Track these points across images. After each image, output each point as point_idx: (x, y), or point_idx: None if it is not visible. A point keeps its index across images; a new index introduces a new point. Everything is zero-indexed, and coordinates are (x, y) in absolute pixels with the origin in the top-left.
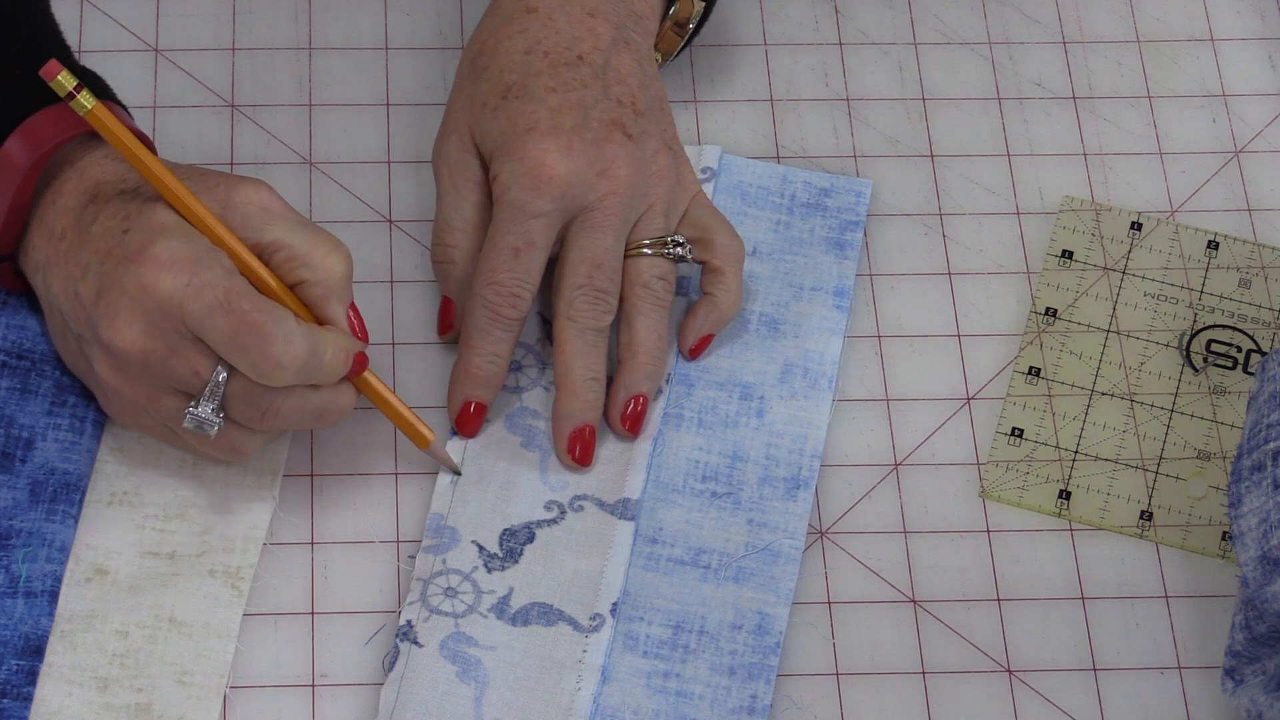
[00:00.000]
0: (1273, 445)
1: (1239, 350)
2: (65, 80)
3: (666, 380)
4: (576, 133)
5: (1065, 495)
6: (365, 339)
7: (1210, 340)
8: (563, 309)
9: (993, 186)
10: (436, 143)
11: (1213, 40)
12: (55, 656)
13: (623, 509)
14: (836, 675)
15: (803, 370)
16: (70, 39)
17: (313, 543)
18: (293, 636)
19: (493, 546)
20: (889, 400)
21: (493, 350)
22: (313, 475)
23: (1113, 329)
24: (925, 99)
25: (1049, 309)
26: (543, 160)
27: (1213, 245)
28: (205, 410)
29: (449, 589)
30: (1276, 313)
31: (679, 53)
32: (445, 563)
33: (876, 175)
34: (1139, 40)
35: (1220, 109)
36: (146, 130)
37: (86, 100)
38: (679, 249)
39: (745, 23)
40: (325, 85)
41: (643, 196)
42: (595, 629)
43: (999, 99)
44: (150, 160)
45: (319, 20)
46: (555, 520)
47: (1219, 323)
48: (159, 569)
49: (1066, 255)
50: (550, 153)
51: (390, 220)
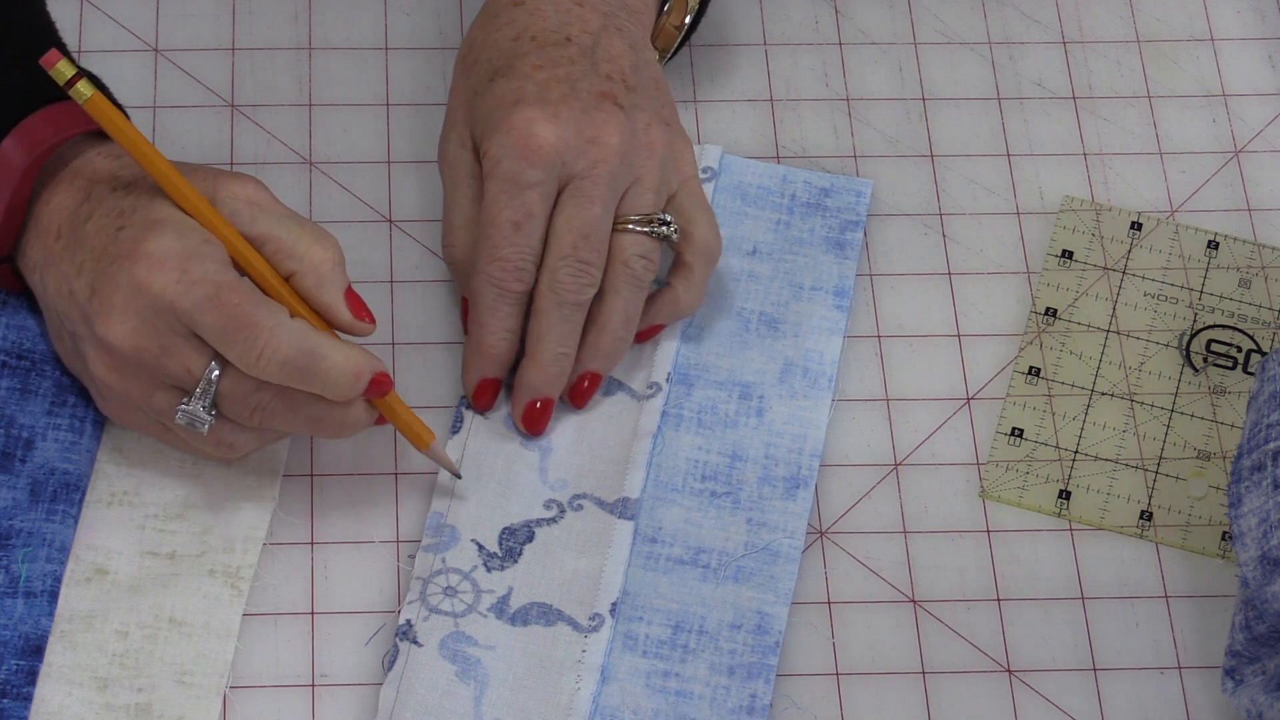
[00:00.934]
0: (1273, 445)
1: (1239, 350)
2: (64, 69)
3: (666, 379)
4: (564, 101)
5: (1065, 495)
6: (370, 319)
7: (1210, 340)
8: (545, 278)
9: (993, 186)
10: (439, 144)
11: (1213, 40)
12: (55, 656)
13: (622, 508)
14: (836, 675)
15: (802, 370)
16: (70, 39)
17: (313, 543)
18: (293, 636)
19: (492, 545)
20: (889, 400)
21: (504, 326)
22: (313, 475)
23: (1113, 329)
24: (925, 99)
25: (1049, 309)
26: (531, 129)
27: (1213, 245)
28: (197, 406)
29: (448, 588)
30: (1276, 313)
31: (678, 50)
32: (445, 562)
33: (876, 175)
34: (1139, 40)
35: (1220, 109)
36: (146, 130)
37: (85, 89)
38: (664, 228)
39: (745, 22)
40: (325, 85)
41: (631, 167)
42: (595, 629)
43: (999, 99)
44: (149, 150)
45: (319, 20)
46: (555, 519)
47: (1219, 323)
48: (159, 569)
49: (1066, 255)
50: (537, 121)
51: (390, 220)
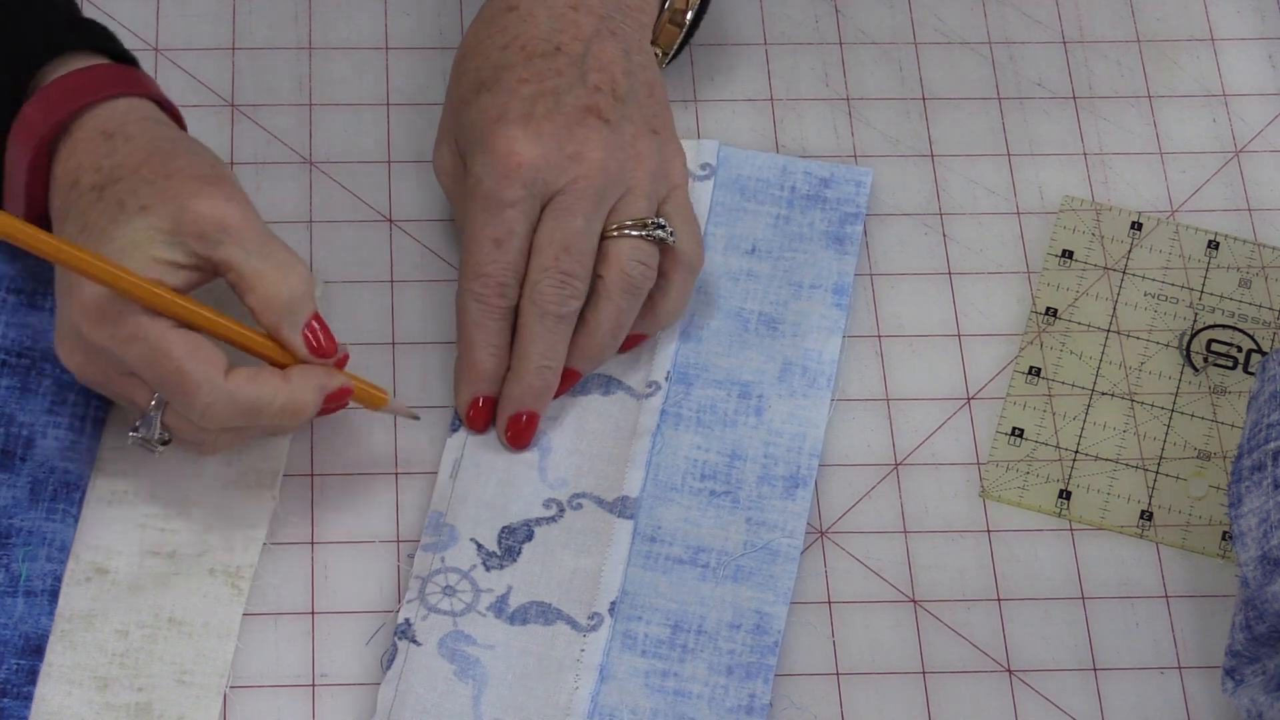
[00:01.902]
0: (1273, 445)
1: (1239, 350)
2: None
3: (665, 378)
4: (547, 118)
5: (1065, 495)
6: (331, 352)
7: (1210, 340)
8: (527, 292)
9: (993, 186)
10: (434, 150)
11: (1213, 40)
12: (55, 656)
13: (621, 507)
14: (836, 675)
15: (802, 369)
16: None
17: (313, 543)
18: (293, 636)
19: (491, 545)
20: (889, 400)
21: (490, 342)
22: (313, 475)
23: (1113, 329)
24: (925, 99)
25: (1049, 309)
26: (510, 148)
27: (1213, 245)
28: (148, 435)
29: (447, 587)
30: (1276, 313)
31: (679, 49)
32: (444, 561)
33: (877, 175)
34: (1139, 40)
35: (1220, 109)
36: None
37: None
38: (660, 231)
39: (745, 22)
40: (325, 85)
41: (619, 180)
42: (593, 628)
43: (999, 99)
44: (59, 247)
45: (319, 20)
46: (554, 518)
47: (1219, 323)
48: (159, 568)
49: (1066, 255)
50: (517, 140)
51: (390, 220)
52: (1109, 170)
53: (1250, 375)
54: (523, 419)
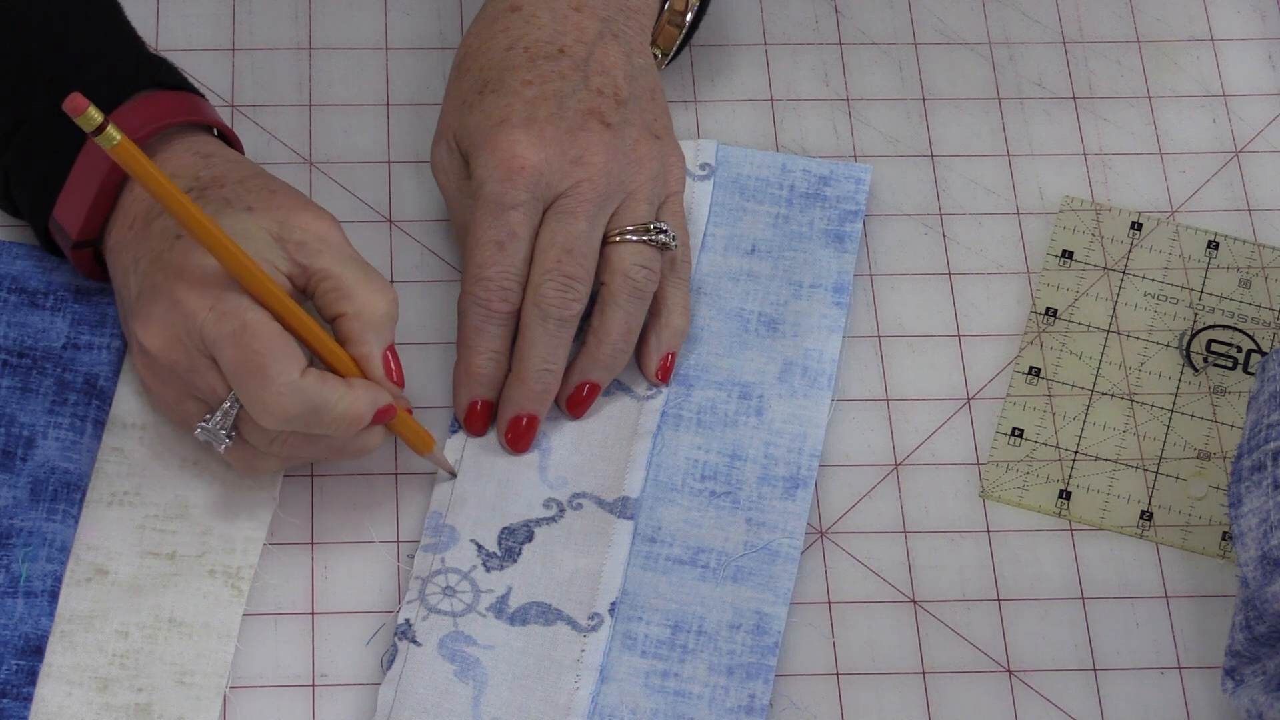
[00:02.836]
0: (1273, 445)
1: (1239, 350)
2: (93, 114)
3: None
4: (550, 122)
5: (1065, 495)
6: (400, 384)
7: (1210, 340)
8: (529, 294)
9: (993, 186)
10: (431, 151)
11: (1213, 40)
12: (55, 656)
13: (621, 507)
14: (836, 675)
15: (802, 369)
16: None
17: (313, 543)
18: (293, 636)
19: (491, 545)
20: (889, 400)
21: (490, 347)
22: (313, 475)
23: (1113, 329)
24: (925, 99)
25: (1049, 309)
26: (513, 151)
27: (1213, 245)
28: (217, 428)
29: (447, 588)
30: (1276, 313)
31: (679, 50)
32: (444, 561)
33: (877, 175)
34: (1139, 40)
35: (1220, 109)
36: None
37: (114, 133)
38: (662, 235)
39: (745, 22)
40: (325, 85)
41: (621, 184)
42: (594, 628)
43: (999, 99)
44: (180, 198)
45: (319, 20)
46: (554, 519)
47: (1219, 323)
48: (159, 569)
49: (1066, 255)
50: (520, 143)
51: (390, 220)
52: (1109, 170)
53: (1250, 375)
54: (523, 422)
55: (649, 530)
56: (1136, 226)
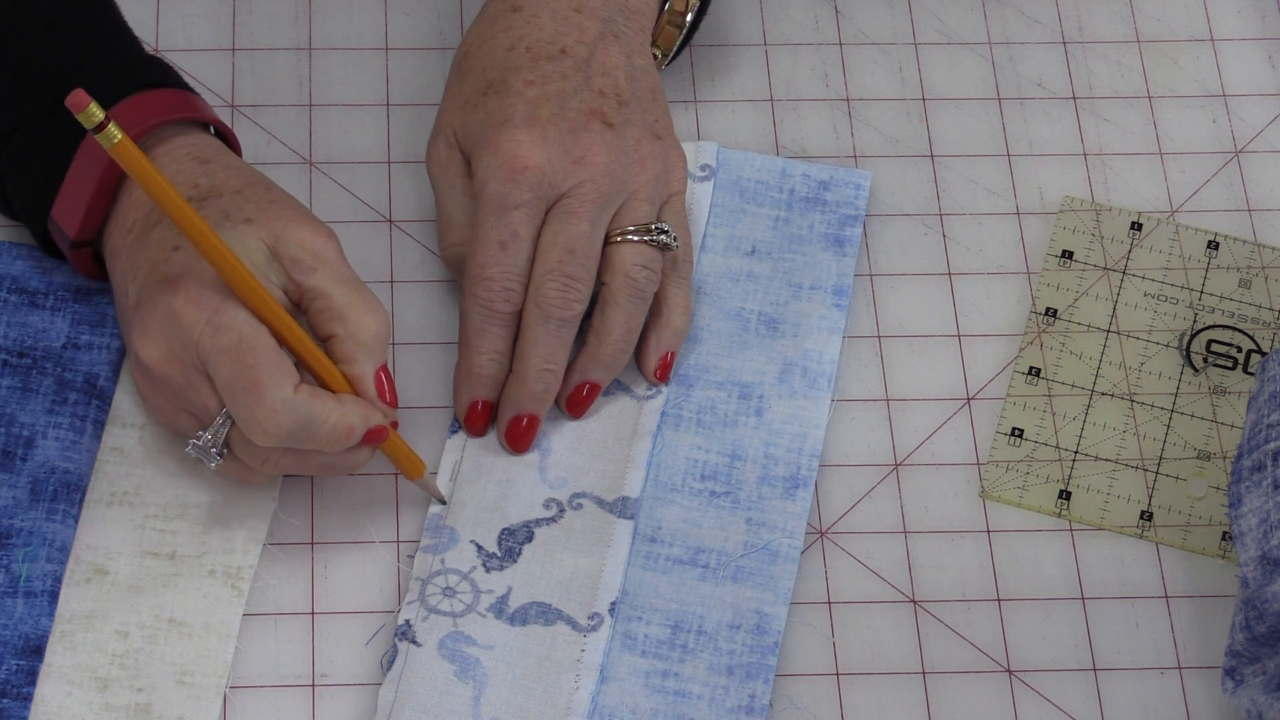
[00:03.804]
0: (1273, 445)
1: (1239, 350)
2: (94, 111)
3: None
4: (552, 122)
5: (1065, 495)
6: (393, 404)
7: (1210, 340)
8: (531, 295)
9: (993, 186)
10: (428, 146)
11: (1213, 40)
12: (55, 656)
13: (621, 507)
14: (836, 675)
15: (802, 369)
16: None
17: (313, 543)
18: (293, 636)
19: (491, 546)
20: (889, 400)
21: (491, 348)
22: (313, 476)
23: (1113, 329)
24: (925, 99)
25: (1049, 309)
26: (516, 151)
27: (1213, 245)
28: (207, 445)
29: (447, 588)
30: (1276, 313)
31: (679, 50)
32: (444, 562)
33: (877, 175)
34: (1139, 40)
35: (1220, 109)
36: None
37: (115, 131)
38: (663, 236)
39: (745, 23)
40: (325, 85)
41: (623, 185)
42: (594, 628)
43: (999, 99)
44: (180, 203)
45: (319, 20)
46: (554, 519)
47: (1219, 323)
48: (159, 569)
49: (1066, 255)
50: (523, 143)
51: (390, 220)
52: (1109, 170)
53: (1250, 375)
54: (523, 422)
55: (649, 530)
56: (1136, 226)
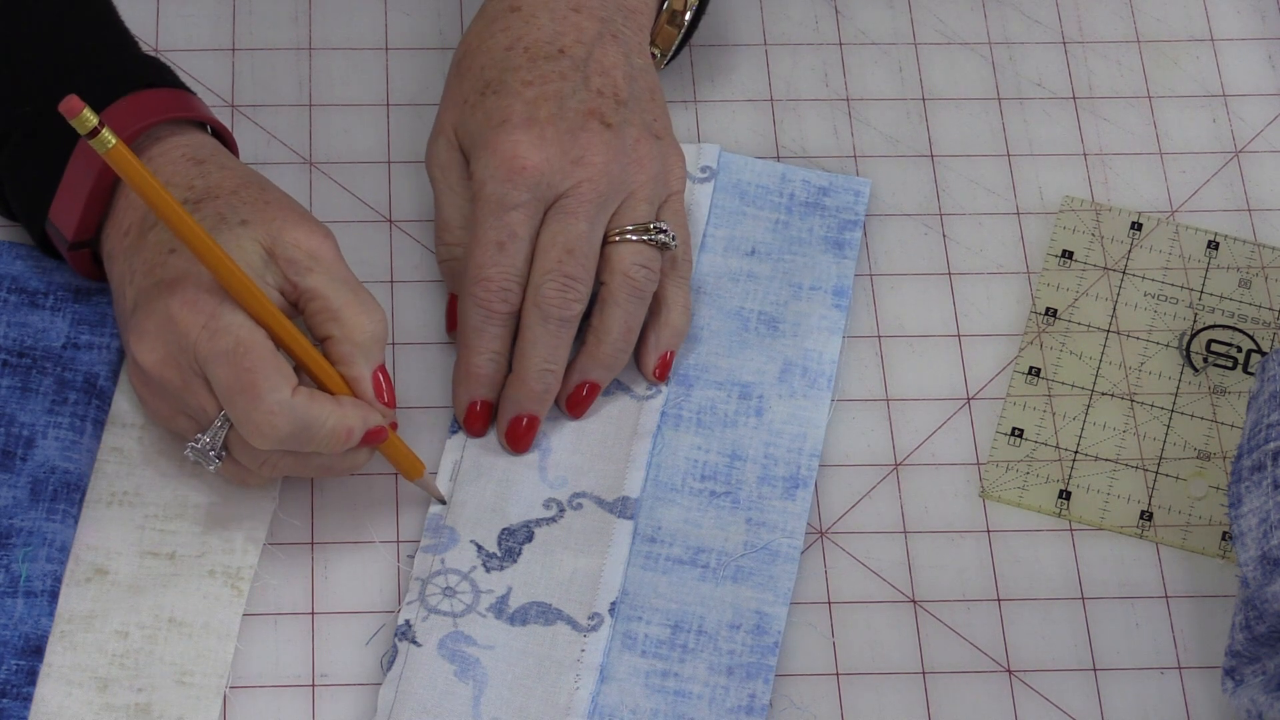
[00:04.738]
0: (1273, 445)
1: (1239, 350)
2: (88, 117)
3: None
4: (550, 122)
5: (1065, 495)
6: (391, 405)
7: (1210, 340)
8: (530, 294)
9: (993, 186)
10: (427, 146)
11: (1213, 40)
12: (55, 656)
13: (622, 507)
14: (836, 675)
15: (802, 369)
16: None
17: (313, 543)
18: (293, 636)
19: (491, 546)
20: (889, 400)
21: (490, 348)
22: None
23: (1113, 329)
24: (925, 99)
25: (1049, 309)
26: (514, 151)
27: (1213, 245)
28: (205, 448)
29: (447, 588)
30: (1276, 313)
31: (678, 50)
32: (444, 562)
33: (876, 175)
34: (1139, 40)
35: (1220, 109)
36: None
37: (109, 137)
38: (662, 235)
39: (745, 23)
40: (325, 85)
41: (622, 184)
42: (594, 628)
43: (999, 99)
44: (175, 207)
45: (319, 20)
46: (554, 519)
47: (1219, 323)
48: (159, 569)
49: (1066, 255)
50: (521, 144)
51: (390, 220)
52: (1109, 170)
53: (1250, 375)
54: (523, 422)
55: (649, 530)
56: (1136, 226)
